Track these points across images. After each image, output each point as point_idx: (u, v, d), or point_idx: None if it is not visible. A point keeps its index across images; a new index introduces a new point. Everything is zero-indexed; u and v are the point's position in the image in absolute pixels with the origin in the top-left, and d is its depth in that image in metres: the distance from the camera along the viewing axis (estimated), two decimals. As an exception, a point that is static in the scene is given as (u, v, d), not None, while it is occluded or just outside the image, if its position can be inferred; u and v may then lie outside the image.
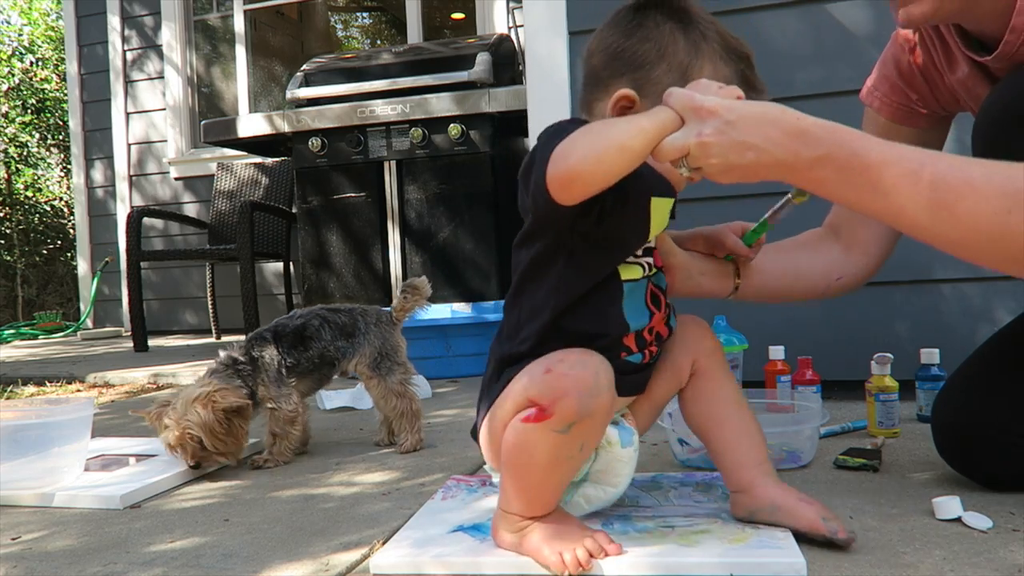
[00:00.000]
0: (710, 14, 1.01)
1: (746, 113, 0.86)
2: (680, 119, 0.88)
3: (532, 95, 2.13)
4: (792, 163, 0.86)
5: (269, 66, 5.59)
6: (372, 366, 1.63)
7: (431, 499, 1.24)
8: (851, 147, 0.85)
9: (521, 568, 0.96)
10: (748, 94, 0.96)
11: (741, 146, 0.85)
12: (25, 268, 7.80)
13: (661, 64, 0.98)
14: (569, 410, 0.90)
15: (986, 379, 1.21)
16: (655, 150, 0.88)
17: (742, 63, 1.00)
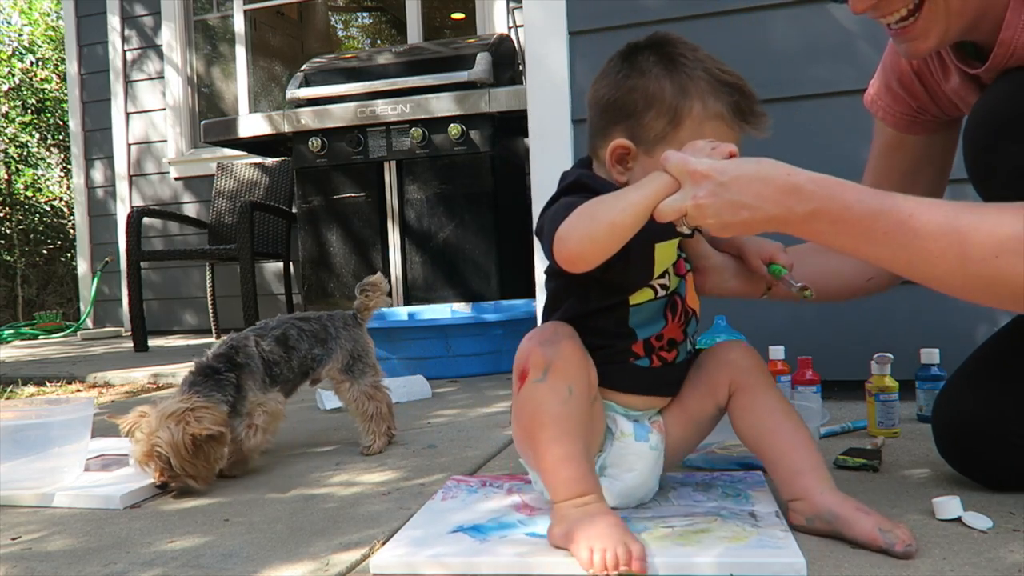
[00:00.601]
0: (697, 50, 1.04)
1: (738, 174, 0.90)
2: (676, 182, 0.93)
3: (532, 95, 2.13)
4: (785, 217, 0.90)
5: (269, 66, 5.60)
6: (344, 370, 1.62)
7: (431, 499, 1.24)
8: (842, 200, 0.89)
9: (521, 568, 0.96)
10: (747, 121, 1.00)
11: (735, 205, 0.90)
12: (25, 268, 7.80)
13: (650, 111, 1.02)
14: (537, 358, 1.02)
15: (987, 378, 1.21)
16: (655, 211, 0.93)
17: (735, 94, 1.01)
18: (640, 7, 2.05)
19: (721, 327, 1.74)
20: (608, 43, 2.07)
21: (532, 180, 2.15)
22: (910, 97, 1.27)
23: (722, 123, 1.01)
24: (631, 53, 1.06)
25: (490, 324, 2.73)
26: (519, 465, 1.47)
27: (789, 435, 1.07)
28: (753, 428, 1.10)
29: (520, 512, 1.14)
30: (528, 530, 1.07)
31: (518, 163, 3.54)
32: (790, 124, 1.91)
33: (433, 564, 0.99)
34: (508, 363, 2.77)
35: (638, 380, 1.10)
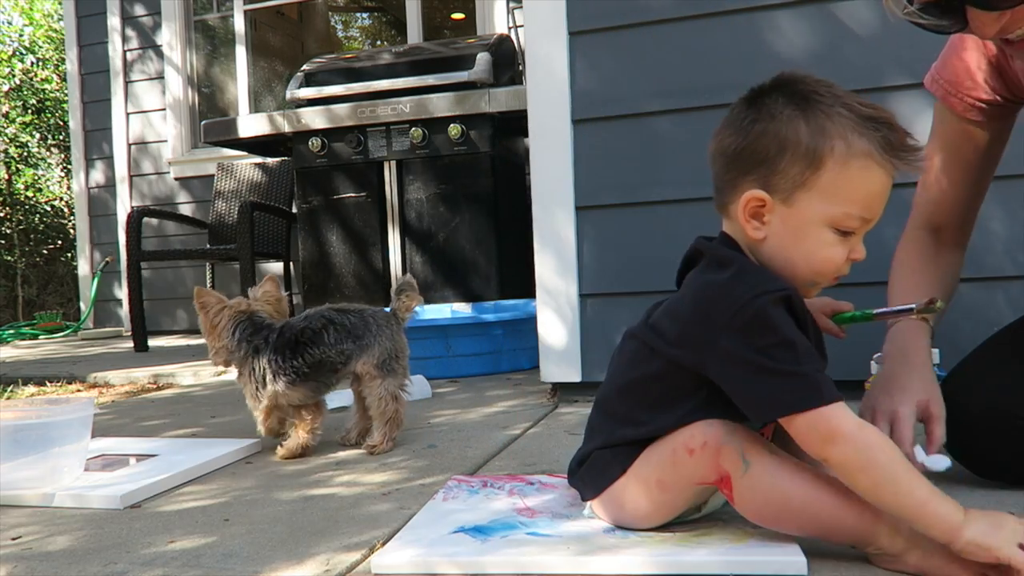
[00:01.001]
0: (832, 85, 0.95)
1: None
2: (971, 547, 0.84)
3: (532, 95, 2.13)
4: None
5: (269, 66, 5.60)
6: (379, 366, 1.63)
7: (432, 499, 1.24)
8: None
9: (524, 568, 0.96)
10: (899, 157, 0.92)
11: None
12: (25, 268, 7.80)
13: (785, 156, 0.93)
14: (730, 453, 0.94)
15: (990, 368, 1.22)
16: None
17: (882, 128, 0.92)
18: (640, 7, 2.05)
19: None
20: (608, 43, 2.08)
21: (532, 180, 2.15)
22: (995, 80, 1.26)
23: (871, 162, 0.91)
24: (757, 96, 0.97)
25: (490, 324, 2.73)
26: (520, 465, 1.48)
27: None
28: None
29: (522, 513, 1.14)
30: (530, 530, 1.07)
31: (518, 163, 3.54)
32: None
33: (434, 564, 0.99)
34: (508, 363, 2.81)
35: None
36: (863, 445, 0.88)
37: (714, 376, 0.94)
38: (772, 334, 0.90)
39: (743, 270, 0.96)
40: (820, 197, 0.93)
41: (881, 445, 0.89)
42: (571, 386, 2.13)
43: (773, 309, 0.90)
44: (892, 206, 0.99)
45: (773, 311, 0.90)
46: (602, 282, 2.08)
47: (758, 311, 0.90)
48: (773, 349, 0.89)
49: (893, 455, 0.88)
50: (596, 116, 2.08)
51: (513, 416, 1.95)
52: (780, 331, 0.90)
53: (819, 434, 0.89)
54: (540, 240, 2.12)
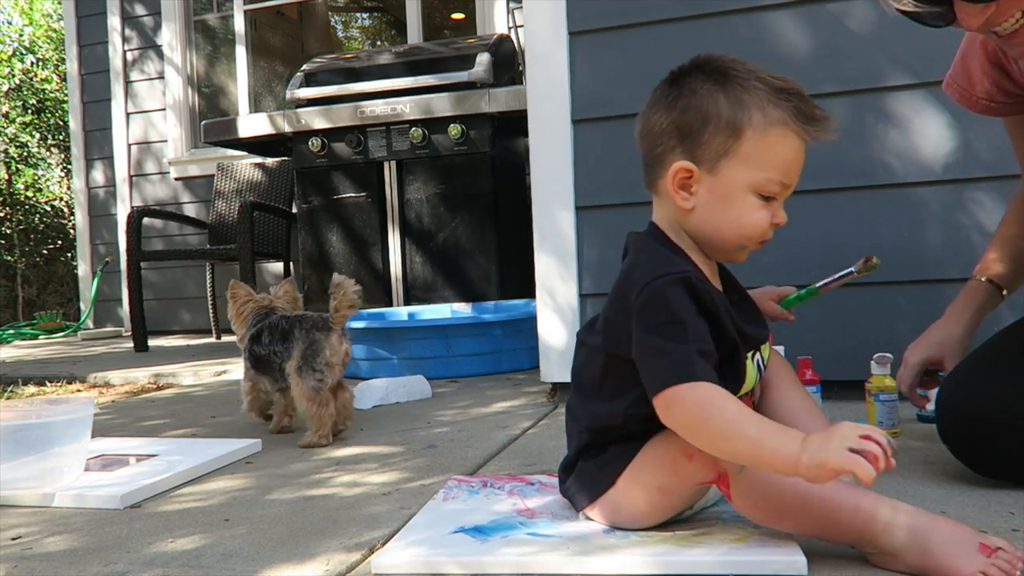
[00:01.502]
0: (746, 62, 1.00)
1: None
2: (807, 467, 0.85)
3: (532, 95, 2.13)
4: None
5: (269, 66, 5.60)
6: (297, 368, 1.72)
7: (432, 500, 1.24)
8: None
9: (523, 568, 0.96)
10: (812, 125, 0.97)
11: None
12: (25, 268, 7.80)
13: (708, 127, 0.99)
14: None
15: (993, 368, 1.22)
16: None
17: (793, 99, 0.98)
18: (640, 7, 2.05)
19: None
20: (608, 43, 2.08)
21: (532, 180, 2.15)
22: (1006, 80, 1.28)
23: (787, 129, 0.97)
24: (677, 77, 1.03)
25: (490, 324, 2.73)
26: (520, 465, 1.48)
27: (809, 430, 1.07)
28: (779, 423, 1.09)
29: (522, 513, 1.14)
30: (530, 531, 1.07)
31: (518, 163, 3.54)
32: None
33: (434, 565, 0.99)
34: (508, 363, 2.81)
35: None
36: (696, 400, 0.91)
37: (635, 360, 0.98)
38: (664, 313, 0.94)
39: (649, 256, 1.03)
40: (743, 164, 0.98)
41: (712, 398, 0.91)
42: (571, 386, 2.13)
43: (669, 290, 0.95)
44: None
45: (669, 292, 0.95)
46: (602, 282, 2.08)
47: (653, 292, 0.95)
48: (663, 328, 0.94)
49: (724, 404, 0.90)
50: (596, 116, 2.08)
51: (513, 416, 1.95)
52: (671, 310, 0.94)
53: (663, 404, 0.93)
54: (540, 240, 2.12)
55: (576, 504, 1.10)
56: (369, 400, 2.18)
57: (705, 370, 0.93)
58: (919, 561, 0.89)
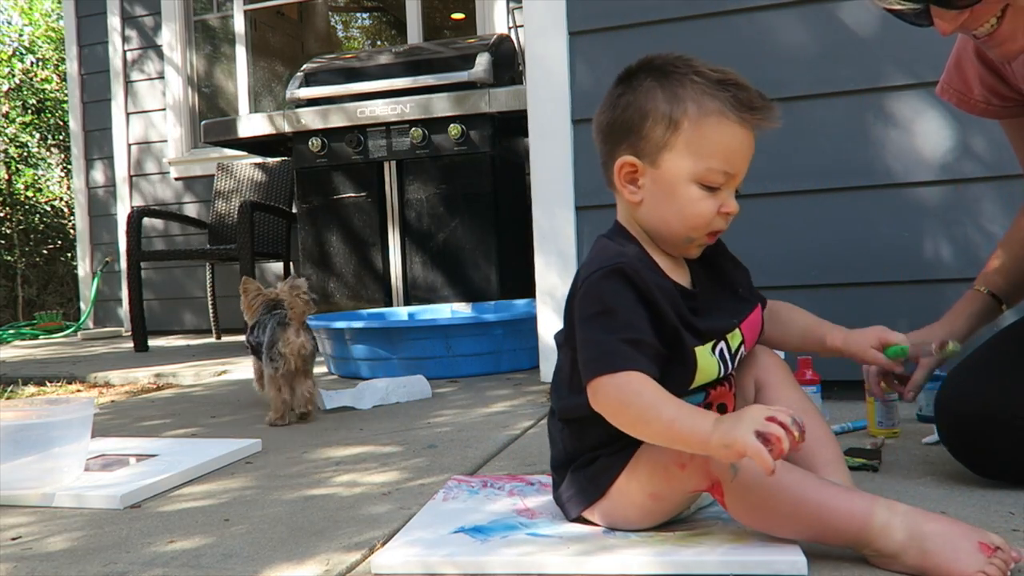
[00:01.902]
0: (691, 60, 1.03)
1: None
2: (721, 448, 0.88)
3: (532, 95, 2.13)
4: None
5: (269, 66, 5.60)
6: (264, 356, 2.00)
7: (432, 500, 1.24)
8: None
9: (524, 568, 0.96)
10: (751, 113, 1.00)
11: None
12: (25, 268, 7.80)
13: (647, 122, 1.02)
14: (708, 460, 0.95)
15: (992, 367, 1.22)
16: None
17: (730, 89, 1.00)
18: (640, 7, 2.05)
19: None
20: (608, 43, 2.08)
21: (532, 180, 2.15)
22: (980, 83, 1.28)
23: (724, 119, 0.99)
24: (625, 77, 1.08)
25: (490, 324, 2.73)
26: (520, 465, 1.48)
27: (810, 431, 1.06)
28: None
29: (522, 514, 1.14)
30: (530, 531, 1.07)
31: (518, 163, 3.54)
32: (791, 123, 1.91)
33: (434, 565, 0.99)
34: (508, 363, 2.81)
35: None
36: (616, 387, 0.95)
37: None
38: (596, 303, 0.99)
39: (597, 252, 1.07)
40: (682, 155, 1.01)
41: (631, 385, 0.94)
42: (571, 386, 2.13)
43: (603, 281, 0.99)
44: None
45: (602, 283, 0.99)
46: (602, 282, 2.08)
47: (590, 285, 1.01)
48: (595, 318, 0.99)
49: (642, 389, 0.94)
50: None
51: (513, 416, 1.95)
52: (603, 300, 0.99)
53: (590, 394, 0.97)
54: (540, 240, 2.12)
55: (567, 513, 1.10)
56: (369, 400, 2.18)
57: (629, 358, 0.95)
58: (918, 562, 0.89)
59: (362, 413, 2.11)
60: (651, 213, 1.06)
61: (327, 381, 2.70)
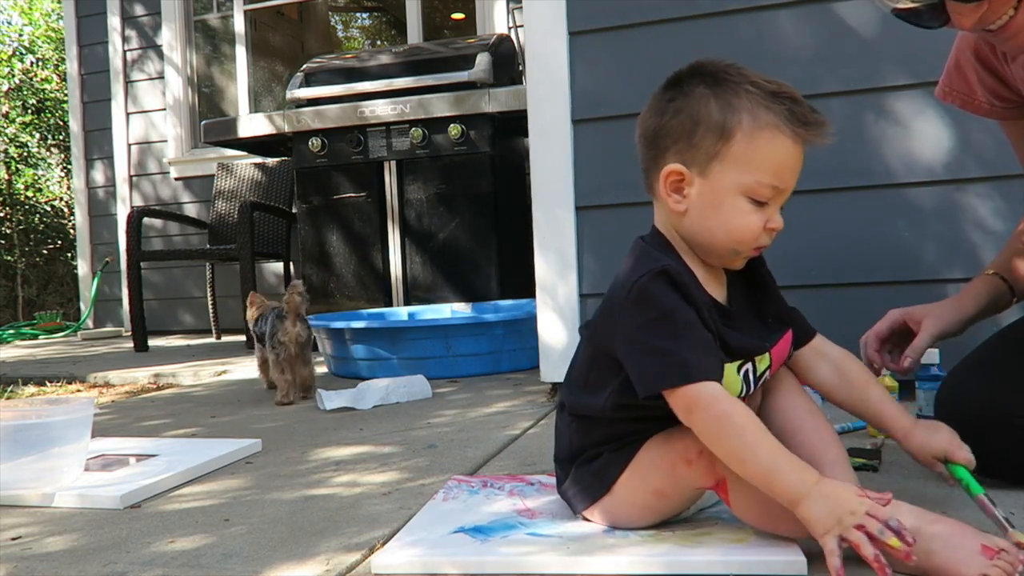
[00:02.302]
0: (743, 69, 1.01)
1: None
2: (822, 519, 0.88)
3: (532, 95, 2.13)
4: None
5: (269, 66, 5.60)
6: (267, 344, 2.31)
7: (432, 499, 1.24)
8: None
9: (521, 568, 0.96)
10: (805, 128, 0.97)
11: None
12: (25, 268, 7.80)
13: (698, 130, 0.99)
14: (715, 459, 0.96)
15: (991, 366, 1.22)
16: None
17: (786, 102, 0.98)
18: (640, 7, 2.05)
19: (721, 327, 1.74)
20: (608, 43, 2.08)
21: (532, 180, 2.15)
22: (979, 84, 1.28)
23: (778, 133, 0.97)
24: (675, 81, 1.04)
25: (490, 324, 2.73)
26: (520, 465, 1.48)
27: (809, 433, 1.06)
28: (776, 429, 1.07)
29: (522, 514, 1.14)
30: (530, 531, 1.07)
31: (518, 163, 3.54)
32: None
33: (434, 565, 0.99)
34: (508, 363, 2.81)
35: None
36: (717, 414, 0.93)
37: (619, 357, 1.00)
38: (652, 308, 0.97)
39: (637, 256, 1.04)
40: (732, 167, 0.98)
41: (735, 415, 0.93)
42: (571, 386, 2.13)
43: (651, 284, 0.97)
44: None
45: (651, 285, 0.97)
46: (602, 282, 2.08)
47: (640, 289, 0.97)
48: (652, 324, 0.96)
49: (746, 425, 0.92)
50: (596, 116, 2.08)
51: (513, 416, 1.95)
52: (659, 304, 0.96)
53: (682, 406, 0.94)
54: (540, 240, 2.12)
55: (573, 508, 1.10)
56: (369, 400, 2.18)
57: (704, 366, 0.94)
58: (921, 562, 0.88)
59: (362, 413, 2.11)
60: (695, 224, 1.02)
61: (327, 381, 2.70)
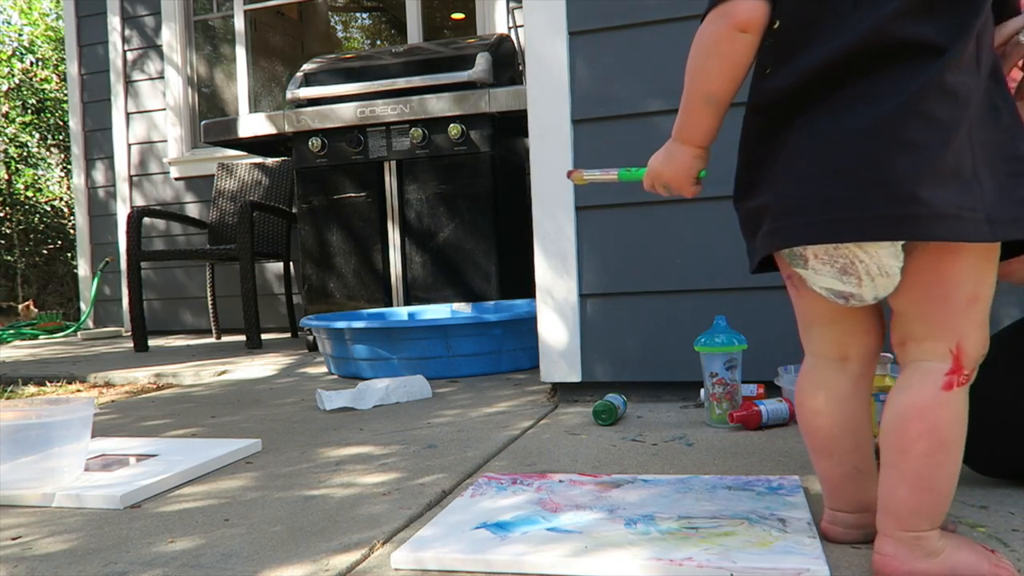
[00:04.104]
0: None
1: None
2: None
3: (532, 95, 2.13)
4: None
5: (269, 66, 5.60)
6: None
7: (460, 496, 1.25)
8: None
9: (540, 567, 0.96)
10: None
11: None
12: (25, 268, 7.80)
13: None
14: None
15: (994, 365, 1.22)
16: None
17: None
18: (640, 7, 2.05)
19: (721, 327, 1.74)
20: (608, 43, 2.08)
21: (532, 180, 2.15)
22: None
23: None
24: None
25: (490, 324, 2.73)
26: (519, 465, 1.48)
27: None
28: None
29: (545, 508, 1.16)
30: (551, 525, 1.08)
31: (518, 163, 3.54)
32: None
33: (450, 561, 0.99)
34: (508, 363, 2.82)
35: None
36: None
37: None
38: None
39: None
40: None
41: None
42: (571, 386, 2.13)
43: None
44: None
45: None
46: (602, 282, 2.08)
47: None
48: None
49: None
50: (596, 116, 2.08)
51: (513, 416, 1.95)
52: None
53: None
54: (540, 240, 2.12)
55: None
56: (369, 400, 2.18)
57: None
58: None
59: (362, 413, 2.11)
60: None
61: (327, 381, 2.70)
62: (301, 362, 3.23)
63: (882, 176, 0.82)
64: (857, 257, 0.88)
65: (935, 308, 0.89)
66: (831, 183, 0.85)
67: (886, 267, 0.87)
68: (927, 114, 0.81)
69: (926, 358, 0.90)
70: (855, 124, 0.84)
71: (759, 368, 1.87)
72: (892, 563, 0.88)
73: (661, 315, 2.04)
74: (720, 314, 1.77)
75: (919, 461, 0.87)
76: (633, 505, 1.15)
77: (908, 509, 0.88)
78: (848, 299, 0.93)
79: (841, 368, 0.99)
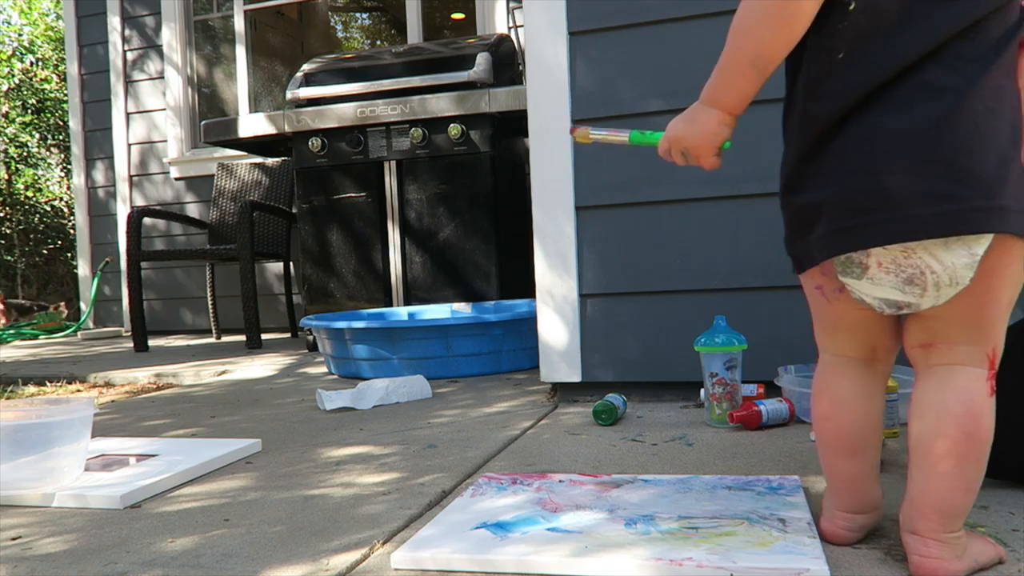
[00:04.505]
0: None
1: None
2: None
3: (532, 95, 2.13)
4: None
5: (269, 66, 5.59)
6: None
7: (460, 496, 1.25)
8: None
9: (539, 567, 0.96)
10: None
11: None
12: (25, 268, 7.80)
13: None
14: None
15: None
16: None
17: None
18: (640, 7, 2.05)
19: (721, 327, 1.74)
20: (608, 43, 2.08)
21: (532, 180, 2.15)
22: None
23: None
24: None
25: (490, 324, 2.73)
26: (519, 465, 1.48)
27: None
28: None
29: (545, 508, 1.16)
30: (551, 525, 1.08)
31: (518, 163, 3.54)
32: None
33: (451, 562, 0.99)
34: (508, 363, 2.82)
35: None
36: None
37: None
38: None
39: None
40: None
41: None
42: (571, 386, 2.13)
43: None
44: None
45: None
46: (602, 282, 2.08)
47: None
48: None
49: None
50: (596, 116, 2.08)
51: (513, 416, 1.95)
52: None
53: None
54: (540, 240, 2.12)
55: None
56: (369, 400, 2.18)
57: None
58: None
59: (362, 413, 2.11)
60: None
61: (327, 381, 2.70)
62: (301, 362, 3.23)
63: (973, 168, 0.79)
64: (929, 267, 0.84)
65: (981, 313, 0.87)
66: (922, 173, 0.80)
67: (959, 277, 0.84)
68: (994, 109, 0.80)
69: (962, 362, 0.89)
70: (937, 113, 0.81)
71: (759, 368, 1.87)
72: (942, 565, 0.87)
73: (661, 315, 2.04)
74: (720, 314, 1.77)
75: (973, 465, 0.88)
76: (633, 505, 1.16)
77: (957, 511, 0.88)
78: (901, 308, 0.90)
79: (867, 367, 0.99)
